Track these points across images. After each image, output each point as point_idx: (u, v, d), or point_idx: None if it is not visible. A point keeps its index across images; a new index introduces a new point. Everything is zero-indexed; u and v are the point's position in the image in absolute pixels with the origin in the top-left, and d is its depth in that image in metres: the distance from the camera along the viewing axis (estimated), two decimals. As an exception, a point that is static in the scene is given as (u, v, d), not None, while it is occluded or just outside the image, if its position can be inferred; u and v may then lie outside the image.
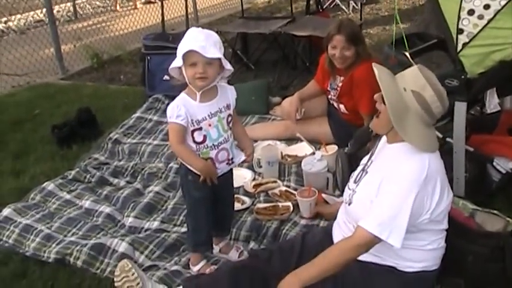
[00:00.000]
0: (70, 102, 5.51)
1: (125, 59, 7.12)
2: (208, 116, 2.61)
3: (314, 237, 2.73)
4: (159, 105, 5.05)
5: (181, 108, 2.56)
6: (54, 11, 10.32)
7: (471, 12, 2.83)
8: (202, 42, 2.47)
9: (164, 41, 5.26)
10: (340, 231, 2.55)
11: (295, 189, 3.56)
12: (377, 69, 2.35)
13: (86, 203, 3.56)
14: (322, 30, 5.17)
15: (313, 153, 3.78)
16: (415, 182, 2.22)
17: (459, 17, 2.85)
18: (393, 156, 2.36)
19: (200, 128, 2.61)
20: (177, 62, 2.53)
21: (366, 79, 3.74)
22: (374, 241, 2.25)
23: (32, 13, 9.85)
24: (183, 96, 2.63)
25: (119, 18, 9.53)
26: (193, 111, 2.58)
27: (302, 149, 4.06)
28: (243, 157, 2.79)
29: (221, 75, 2.65)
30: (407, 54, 3.20)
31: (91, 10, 10.89)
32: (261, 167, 3.81)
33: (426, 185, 2.22)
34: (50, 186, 3.76)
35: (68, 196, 3.68)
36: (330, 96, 4.16)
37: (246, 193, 3.59)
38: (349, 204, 2.48)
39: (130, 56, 7.15)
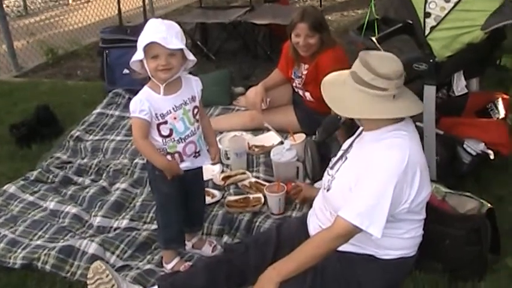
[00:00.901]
0: (27, 99, 5.31)
1: (81, 53, 6.93)
2: (173, 109, 2.54)
3: (290, 228, 2.71)
4: (120, 100, 4.93)
5: (145, 103, 2.49)
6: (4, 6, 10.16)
7: (438, -6, 2.81)
8: (163, 33, 2.40)
9: (122, 34, 5.13)
10: (316, 219, 2.52)
11: (265, 180, 3.52)
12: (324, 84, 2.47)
13: (51, 204, 3.43)
14: (283, 18, 5.14)
15: (282, 143, 3.74)
16: (396, 170, 2.18)
17: (426, 0, 2.82)
18: (373, 143, 2.32)
19: (165, 122, 2.54)
20: (138, 55, 2.45)
21: (331, 66, 3.65)
22: (354, 231, 2.22)
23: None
24: (146, 89, 2.55)
25: (73, 12, 9.30)
26: (157, 105, 2.51)
27: (269, 138, 4.02)
28: (207, 162, 2.76)
29: (184, 66, 2.57)
30: (374, 39, 3.17)
31: (42, 4, 10.59)
32: (228, 158, 3.75)
33: (406, 174, 2.19)
34: (11, 188, 3.62)
35: (31, 198, 3.55)
36: (294, 84, 4.12)
37: (216, 186, 3.53)
38: (327, 190, 2.45)
39: (87, 50, 6.97)
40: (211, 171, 3.64)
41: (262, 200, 3.29)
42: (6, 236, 3.12)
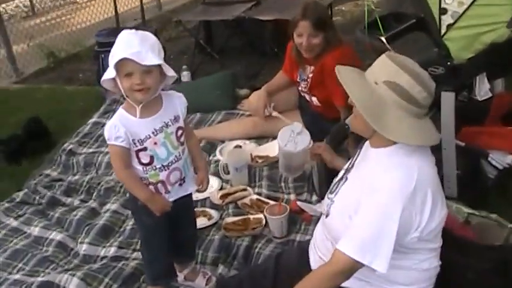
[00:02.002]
0: (22, 109, 5.05)
1: (83, 55, 6.68)
2: (153, 133, 2.21)
3: (289, 258, 2.40)
4: (118, 108, 4.61)
5: (120, 128, 2.16)
6: (11, 7, 9.94)
7: (455, -13, 2.45)
8: (136, 47, 2.06)
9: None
10: (317, 250, 2.20)
11: (268, 197, 3.20)
12: (339, 70, 1.99)
13: (35, 230, 3.17)
14: (290, 12, 4.77)
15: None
16: (401, 194, 1.84)
17: None
18: (376, 162, 1.98)
19: (145, 148, 2.21)
20: (109, 72, 2.12)
21: (338, 67, 3.37)
22: (355, 266, 1.89)
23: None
24: (120, 112, 2.22)
25: (80, 11, 9.04)
26: (134, 130, 2.18)
27: (274, 148, 3.66)
28: (191, 189, 2.42)
29: (163, 83, 2.24)
30: (382, 38, 2.82)
31: (50, 4, 10.33)
32: (228, 173, 3.42)
33: (414, 198, 1.85)
34: (-6, 212, 3.36)
35: (15, 223, 3.27)
36: (300, 88, 3.78)
37: (213, 205, 3.22)
38: (326, 216, 2.12)
39: (89, 52, 6.63)
40: (210, 188, 3.30)
41: (264, 221, 2.97)
42: (-17, 270, 2.86)
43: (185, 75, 5.08)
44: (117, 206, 3.27)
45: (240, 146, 3.79)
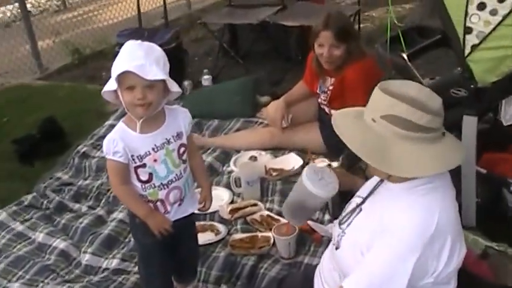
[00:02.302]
0: (42, 107, 5.02)
1: (108, 53, 6.56)
2: (153, 149, 2.11)
3: (292, 285, 2.28)
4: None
5: (119, 143, 2.06)
6: (43, 0, 9.94)
7: (482, 6, 2.25)
8: (140, 60, 1.97)
9: (139, 37, 4.67)
10: (323, 282, 2.05)
11: (279, 214, 3.08)
12: (335, 118, 1.90)
13: (40, 236, 3.11)
14: (316, 19, 4.63)
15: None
16: (419, 239, 1.68)
17: (467, 12, 2.28)
18: (394, 199, 1.82)
19: (144, 165, 2.11)
20: (111, 84, 2.03)
21: (359, 80, 3.25)
22: None
23: (16, 4, 9.32)
24: (120, 126, 2.13)
25: (110, 6, 8.98)
26: (133, 146, 2.08)
27: (289, 161, 3.57)
28: (191, 209, 2.30)
29: (167, 98, 2.13)
30: (404, 55, 2.67)
31: (82, -1, 10.34)
32: (240, 186, 3.31)
33: (432, 244, 1.69)
34: (1, 216, 3.30)
35: (20, 228, 3.21)
36: (320, 100, 3.65)
37: (222, 220, 3.10)
38: (336, 248, 1.98)
39: (114, 50, 6.63)
40: (220, 200, 3.22)
41: (272, 240, 2.85)
42: (-16, 275, 2.81)
43: (206, 79, 4.98)
44: (124, 215, 3.16)
45: (256, 157, 3.68)
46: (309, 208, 2.13)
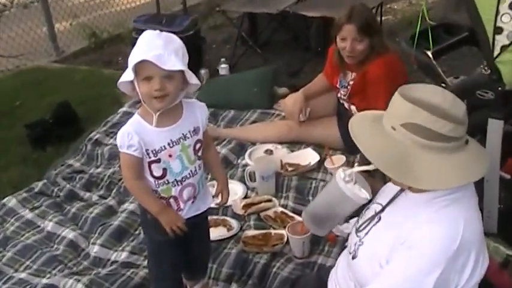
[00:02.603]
0: (57, 91, 4.97)
1: (125, 37, 6.51)
2: (169, 144, 2.03)
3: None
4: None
5: (133, 136, 1.98)
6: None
7: (514, 5, 2.16)
8: (159, 49, 1.88)
9: (157, 24, 4.67)
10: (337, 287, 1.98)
11: (294, 211, 3.01)
12: (351, 124, 1.81)
13: (49, 225, 3.06)
14: (337, 10, 4.52)
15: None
16: (443, 254, 1.59)
17: (497, 11, 2.16)
18: (415, 210, 1.71)
19: (158, 160, 2.03)
20: (128, 74, 1.94)
21: (382, 76, 3.14)
22: None
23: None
24: (135, 119, 2.04)
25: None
26: (148, 139, 2.00)
27: (306, 156, 3.48)
28: (203, 206, 2.22)
29: (185, 91, 2.05)
30: (429, 53, 2.57)
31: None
32: (254, 180, 3.23)
33: (456, 259, 1.60)
34: (11, 202, 3.26)
35: (29, 215, 3.17)
36: (339, 95, 3.55)
37: (235, 215, 3.03)
38: (353, 258, 1.89)
39: (132, 35, 6.55)
40: (234, 195, 3.13)
41: (285, 238, 2.77)
42: (-9, 263, 2.77)
43: (223, 68, 4.90)
44: (135, 207, 3.10)
45: (271, 151, 3.60)
46: (338, 215, 1.99)
